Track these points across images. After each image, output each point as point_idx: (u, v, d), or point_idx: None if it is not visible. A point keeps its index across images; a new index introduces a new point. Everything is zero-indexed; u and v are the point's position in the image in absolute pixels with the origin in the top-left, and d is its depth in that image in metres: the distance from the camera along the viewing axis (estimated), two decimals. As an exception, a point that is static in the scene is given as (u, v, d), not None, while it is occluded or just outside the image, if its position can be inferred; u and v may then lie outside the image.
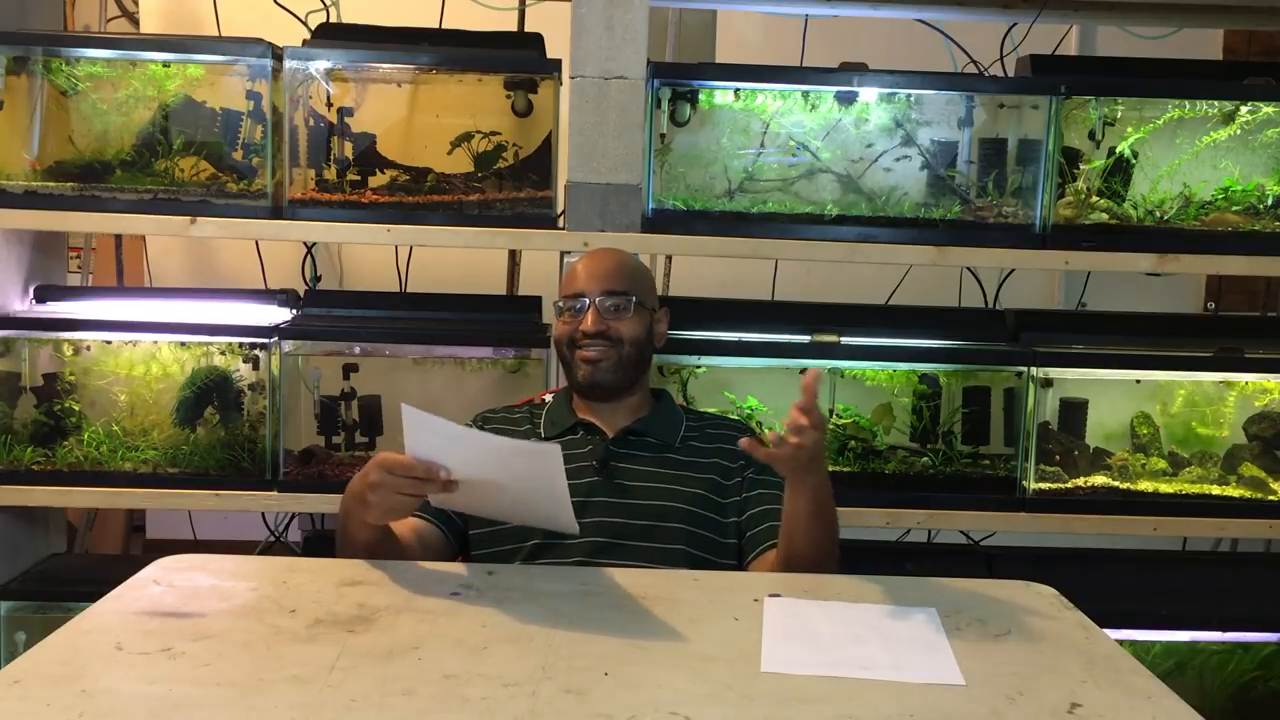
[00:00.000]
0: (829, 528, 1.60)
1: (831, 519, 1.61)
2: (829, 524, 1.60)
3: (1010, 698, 1.13)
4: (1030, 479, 2.26)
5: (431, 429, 1.39)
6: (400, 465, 1.41)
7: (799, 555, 1.58)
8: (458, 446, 1.40)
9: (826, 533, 1.59)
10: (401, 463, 1.41)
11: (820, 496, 1.56)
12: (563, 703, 1.07)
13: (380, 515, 1.48)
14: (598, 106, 2.16)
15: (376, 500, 1.45)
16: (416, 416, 1.37)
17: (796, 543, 1.58)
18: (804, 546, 1.58)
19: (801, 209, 2.26)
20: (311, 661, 1.15)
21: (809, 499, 1.55)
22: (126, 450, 2.26)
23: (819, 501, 1.56)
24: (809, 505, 1.55)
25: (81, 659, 1.15)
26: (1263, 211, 2.29)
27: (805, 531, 1.57)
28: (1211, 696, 2.31)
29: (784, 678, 1.16)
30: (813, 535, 1.57)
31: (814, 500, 1.55)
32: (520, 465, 1.41)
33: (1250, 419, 2.37)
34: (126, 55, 2.25)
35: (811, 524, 1.56)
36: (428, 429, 1.39)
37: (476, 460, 1.41)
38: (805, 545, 1.57)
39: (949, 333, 2.35)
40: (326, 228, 2.24)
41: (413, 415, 1.37)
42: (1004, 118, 2.32)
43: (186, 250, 3.50)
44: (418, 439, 1.40)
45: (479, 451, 1.41)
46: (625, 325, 1.79)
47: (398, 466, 1.41)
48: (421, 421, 1.38)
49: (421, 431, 1.39)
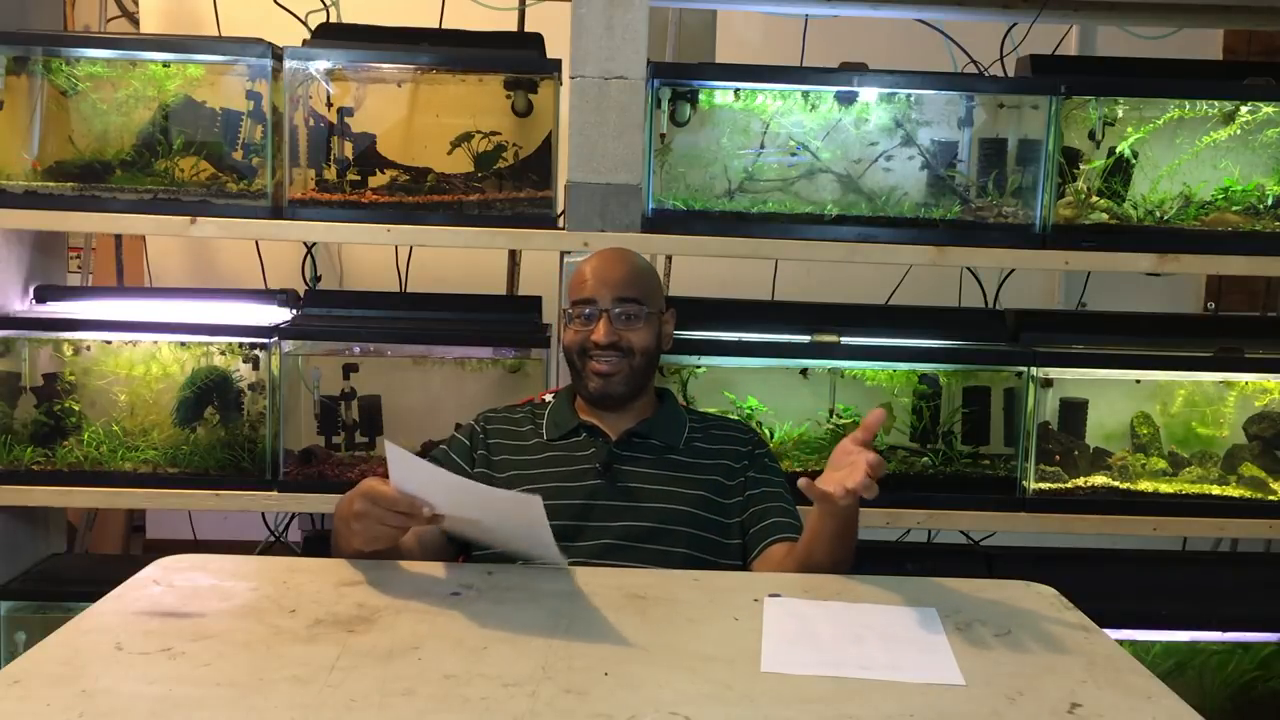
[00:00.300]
0: (849, 545, 1.59)
1: (853, 538, 1.60)
2: (849, 543, 1.59)
3: (1010, 698, 1.13)
4: (1030, 479, 2.26)
5: (413, 468, 1.38)
6: (384, 499, 1.40)
7: (816, 567, 1.58)
8: (439, 487, 1.40)
9: (845, 549, 1.59)
10: (386, 496, 1.40)
11: (848, 518, 1.54)
12: (563, 703, 1.07)
13: (364, 544, 1.47)
14: (598, 106, 2.16)
15: (360, 529, 1.44)
16: (399, 454, 1.36)
17: (816, 557, 1.58)
18: (823, 561, 1.57)
19: (801, 209, 2.26)
20: (311, 661, 1.15)
21: (838, 523, 1.54)
22: (126, 450, 2.26)
23: (845, 522, 1.55)
24: (836, 528, 1.54)
25: (81, 659, 1.15)
26: (1263, 211, 2.29)
27: (827, 550, 1.56)
28: (1211, 696, 2.31)
29: (784, 678, 1.16)
30: (833, 552, 1.56)
31: (841, 523, 1.54)
32: (503, 509, 1.41)
33: (1250, 419, 2.37)
34: (126, 55, 2.25)
35: (834, 544, 1.56)
36: (410, 468, 1.38)
37: (459, 501, 1.41)
38: (824, 560, 1.57)
39: (949, 333, 2.35)
40: (326, 228, 2.24)
41: (395, 453, 1.36)
42: (1004, 118, 2.32)
43: (186, 250, 3.50)
44: (402, 474, 1.39)
45: (461, 494, 1.41)
46: (637, 335, 1.77)
47: (382, 499, 1.40)
48: (403, 460, 1.37)
49: (403, 469, 1.38)
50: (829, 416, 2.32)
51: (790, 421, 2.32)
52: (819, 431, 2.32)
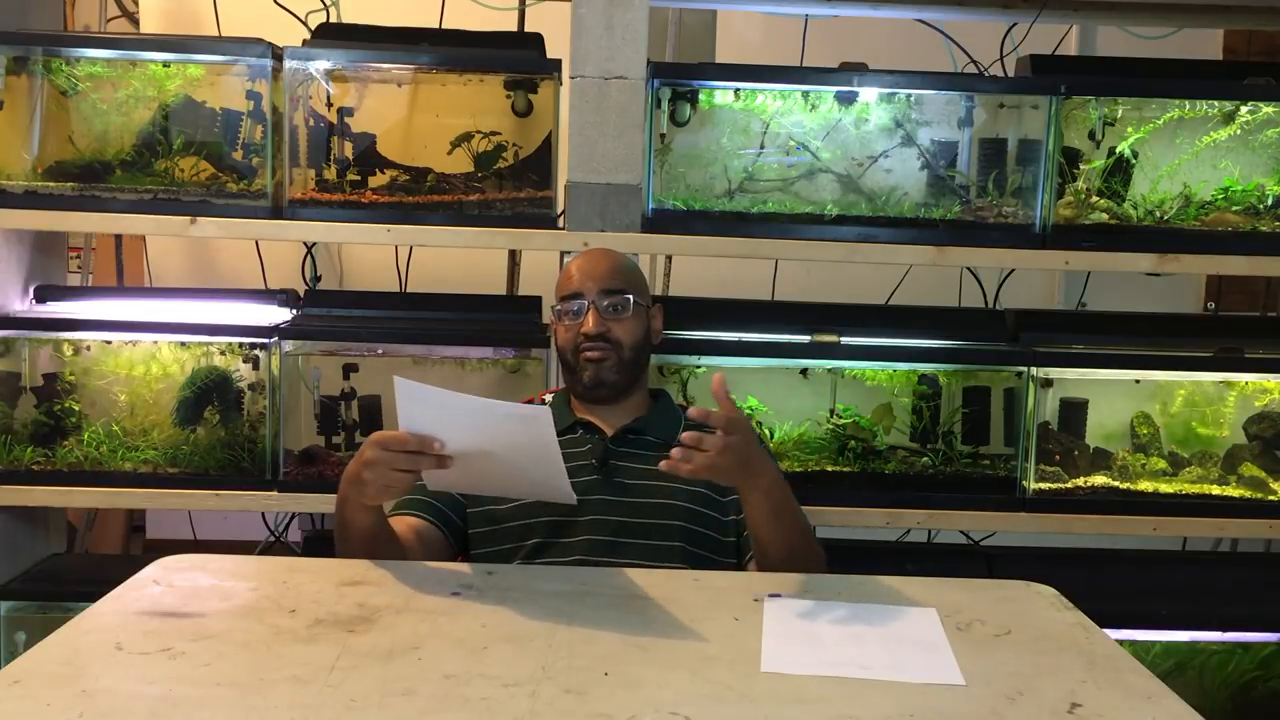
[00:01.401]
0: (794, 525, 1.59)
1: (794, 516, 1.60)
2: (793, 522, 1.59)
3: (1010, 698, 1.13)
4: (1030, 479, 2.26)
5: (423, 399, 1.38)
6: (395, 440, 1.40)
7: (772, 557, 1.58)
8: (449, 415, 1.39)
9: (793, 530, 1.59)
10: (396, 437, 1.40)
11: (775, 495, 1.55)
12: (563, 703, 1.07)
13: (377, 493, 1.46)
14: (598, 106, 2.16)
15: (372, 478, 1.43)
16: (407, 387, 1.37)
17: (766, 546, 1.59)
18: (774, 547, 1.57)
19: (801, 209, 2.26)
20: (311, 661, 1.15)
21: (762, 499, 1.54)
22: (126, 450, 2.26)
23: (775, 500, 1.55)
24: (765, 505, 1.55)
25: (81, 659, 1.15)
26: (1263, 211, 2.29)
27: (771, 533, 1.57)
28: (1211, 696, 2.31)
29: (784, 678, 1.16)
30: (780, 535, 1.57)
31: (769, 499, 1.54)
32: (512, 431, 1.40)
33: (1250, 419, 2.37)
34: (126, 55, 2.25)
35: (775, 524, 1.56)
36: (419, 400, 1.38)
37: (469, 428, 1.40)
38: (775, 546, 1.57)
39: (949, 333, 2.35)
40: (326, 228, 2.24)
41: (404, 386, 1.37)
42: (1004, 118, 2.32)
43: (186, 250, 3.50)
44: (410, 413, 1.40)
45: (470, 417, 1.39)
46: (624, 327, 1.79)
47: (393, 442, 1.41)
48: (412, 392, 1.37)
49: (413, 404, 1.39)
50: (829, 416, 2.32)
51: (790, 421, 2.32)
52: (819, 431, 2.32)
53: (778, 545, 1.57)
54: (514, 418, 1.40)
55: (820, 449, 2.29)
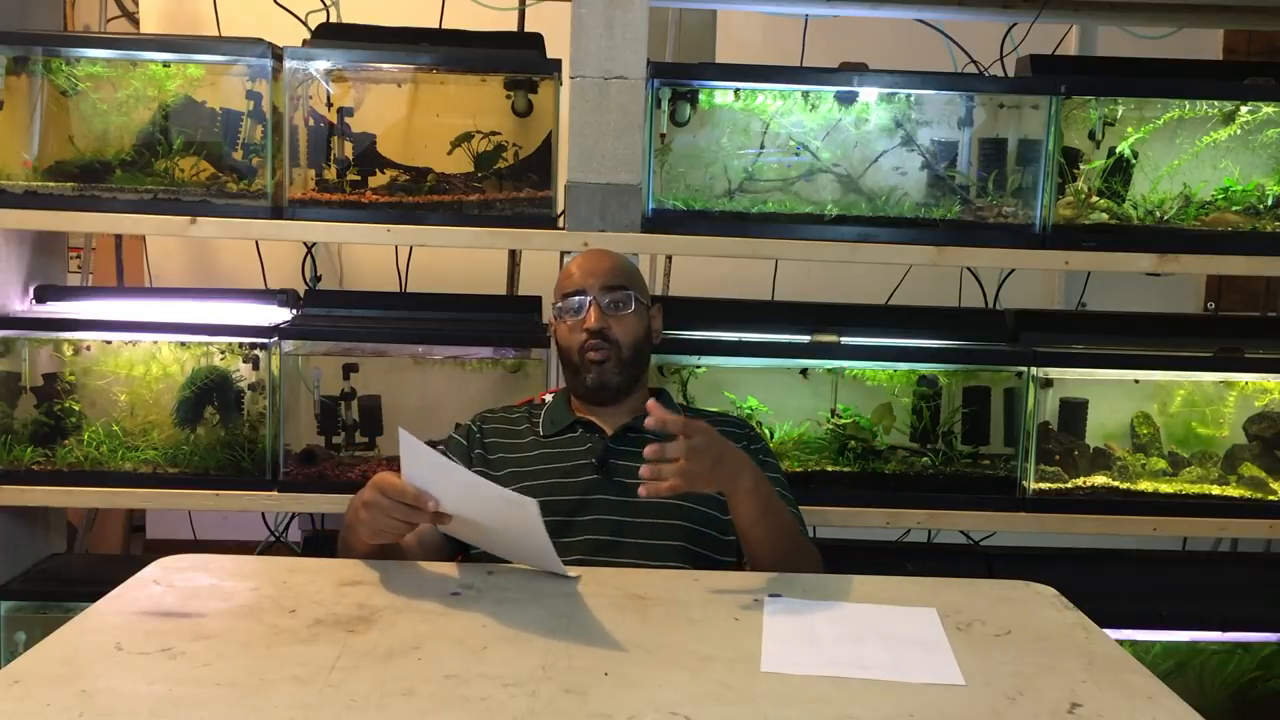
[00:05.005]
0: (783, 525, 1.59)
1: (782, 517, 1.60)
2: (780, 522, 1.59)
3: (1010, 698, 1.13)
4: (1030, 479, 2.26)
5: (424, 458, 1.39)
6: (394, 489, 1.41)
7: (763, 560, 1.58)
8: (446, 480, 1.40)
9: (782, 531, 1.58)
10: (395, 486, 1.41)
11: (760, 496, 1.55)
12: (563, 703, 1.07)
13: (371, 535, 1.48)
14: (598, 106, 2.16)
15: (368, 519, 1.45)
16: (411, 443, 1.37)
17: (757, 548, 1.58)
18: (764, 549, 1.57)
19: (801, 209, 2.26)
20: (311, 661, 1.15)
21: (749, 499, 1.54)
22: (126, 450, 2.26)
23: (760, 501, 1.55)
24: (752, 504, 1.54)
25: (81, 659, 1.15)
26: (1263, 211, 2.29)
27: (760, 535, 1.57)
28: (1211, 696, 2.31)
29: (784, 678, 1.16)
30: (769, 536, 1.57)
31: (755, 498, 1.54)
32: (501, 509, 1.41)
33: (1250, 419, 2.37)
34: (126, 55, 2.25)
35: (762, 526, 1.56)
36: (421, 455, 1.38)
37: (464, 498, 1.41)
38: (765, 548, 1.57)
39: (949, 333, 2.35)
40: (326, 228, 2.24)
41: (408, 440, 1.37)
42: (1004, 118, 2.32)
43: (186, 250, 3.50)
44: (412, 466, 1.40)
45: (465, 490, 1.41)
46: (625, 324, 1.79)
47: (391, 490, 1.41)
48: (414, 447, 1.38)
49: (415, 458, 1.39)
50: (829, 416, 2.32)
51: (790, 421, 2.32)
52: (819, 432, 2.32)
53: (769, 546, 1.57)
54: (503, 500, 1.40)
55: (820, 449, 2.29)
